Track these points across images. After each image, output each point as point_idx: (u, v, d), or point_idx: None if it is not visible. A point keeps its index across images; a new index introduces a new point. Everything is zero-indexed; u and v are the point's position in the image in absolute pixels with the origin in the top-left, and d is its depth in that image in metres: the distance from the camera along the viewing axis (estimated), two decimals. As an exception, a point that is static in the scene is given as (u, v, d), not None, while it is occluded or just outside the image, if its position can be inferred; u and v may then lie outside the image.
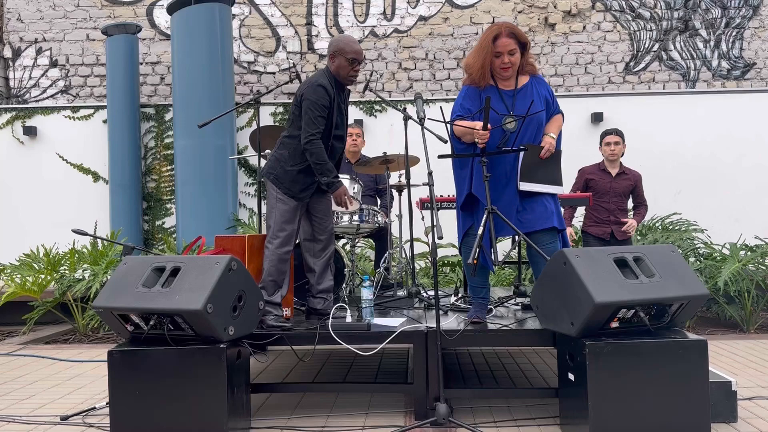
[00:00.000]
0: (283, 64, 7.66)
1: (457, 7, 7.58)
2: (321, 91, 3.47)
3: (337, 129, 3.59)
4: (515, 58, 3.29)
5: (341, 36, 3.66)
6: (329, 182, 3.50)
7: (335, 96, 3.54)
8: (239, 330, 2.94)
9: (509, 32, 3.26)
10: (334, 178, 3.51)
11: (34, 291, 5.63)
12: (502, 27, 3.28)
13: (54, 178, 7.26)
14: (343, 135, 3.68)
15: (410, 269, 4.42)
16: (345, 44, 3.53)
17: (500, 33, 3.25)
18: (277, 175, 3.57)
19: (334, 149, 3.63)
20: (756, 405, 3.33)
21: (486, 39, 3.28)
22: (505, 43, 3.24)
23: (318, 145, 3.46)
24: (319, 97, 3.46)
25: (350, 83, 3.63)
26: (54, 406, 3.61)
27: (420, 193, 4.53)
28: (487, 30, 3.33)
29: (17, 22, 7.78)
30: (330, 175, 3.49)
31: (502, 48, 3.25)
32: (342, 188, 3.55)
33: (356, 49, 3.54)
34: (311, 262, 3.70)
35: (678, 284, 2.79)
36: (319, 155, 3.47)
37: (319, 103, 3.46)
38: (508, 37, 3.25)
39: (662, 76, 7.49)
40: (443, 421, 2.92)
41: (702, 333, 5.22)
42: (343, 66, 3.53)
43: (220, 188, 6.78)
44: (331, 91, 3.50)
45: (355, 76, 3.60)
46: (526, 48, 3.34)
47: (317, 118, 3.46)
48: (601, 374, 2.66)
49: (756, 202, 6.76)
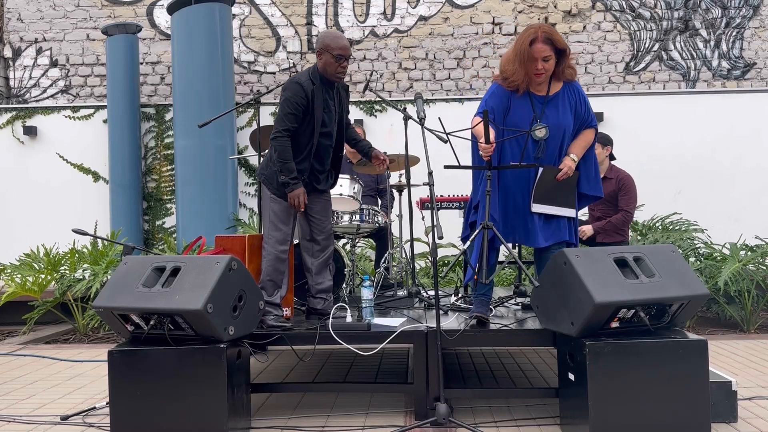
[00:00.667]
0: (283, 64, 7.66)
1: (457, 7, 7.58)
2: (295, 88, 3.43)
3: (324, 127, 3.54)
4: (549, 65, 3.16)
5: (327, 32, 3.58)
6: (285, 182, 3.45)
7: (320, 93, 3.48)
8: (239, 330, 2.94)
9: (545, 37, 3.13)
10: (292, 179, 3.44)
11: (34, 291, 5.63)
12: (538, 31, 3.14)
13: (54, 178, 7.26)
14: (330, 132, 3.60)
15: (410, 269, 4.42)
16: (331, 40, 3.46)
17: (536, 38, 3.12)
18: (268, 175, 3.57)
19: (320, 147, 3.57)
20: (756, 405, 3.33)
21: (523, 43, 3.15)
22: (541, 49, 3.12)
23: (282, 143, 3.43)
24: (292, 95, 3.42)
25: (338, 80, 3.56)
26: (54, 405, 3.61)
27: (420, 193, 4.53)
28: (524, 33, 3.18)
29: (17, 21, 7.78)
30: (288, 176, 3.43)
31: (537, 54, 3.13)
32: (297, 191, 3.45)
33: (342, 45, 3.46)
34: (309, 262, 3.69)
35: (678, 284, 2.79)
36: (281, 153, 3.43)
37: (291, 100, 3.42)
38: (544, 42, 3.12)
39: (662, 76, 7.49)
40: (443, 421, 2.92)
41: (702, 333, 5.22)
42: (329, 63, 3.47)
43: (221, 188, 6.78)
44: (309, 89, 3.44)
45: (342, 73, 3.52)
46: (563, 54, 3.19)
47: (287, 115, 3.43)
48: (602, 374, 2.66)
49: (756, 202, 6.76)
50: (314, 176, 3.60)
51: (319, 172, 3.62)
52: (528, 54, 3.13)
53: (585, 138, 3.36)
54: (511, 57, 3.22)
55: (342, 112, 3.68)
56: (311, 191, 3.61)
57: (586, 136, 3.37)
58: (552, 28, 3.26)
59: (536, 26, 3.18)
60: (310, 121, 3.48)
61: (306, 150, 3.52)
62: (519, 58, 3.17)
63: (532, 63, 3.14)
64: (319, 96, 3.48)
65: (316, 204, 3.66)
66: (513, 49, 3.23)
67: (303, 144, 3.51)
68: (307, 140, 3.51)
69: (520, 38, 3.19)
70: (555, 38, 3.15)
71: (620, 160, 6.75)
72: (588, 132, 3.37)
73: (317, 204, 3.67)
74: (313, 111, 3.47)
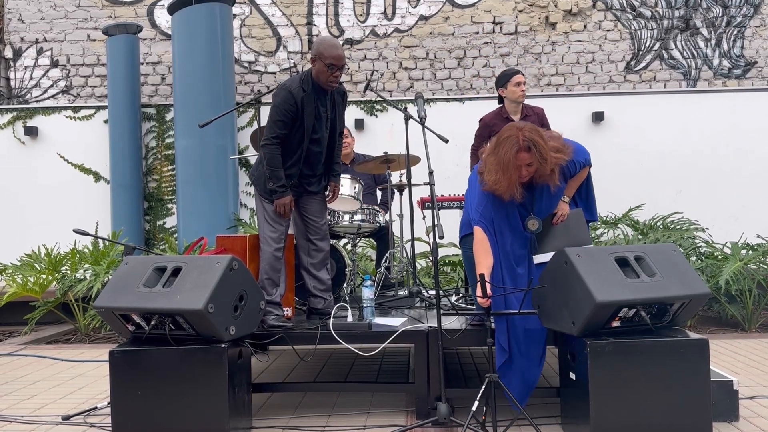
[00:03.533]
0: (283, 63, 7.66)
1: (457, 7, 7.57)
2: (284, 95, 3.41)
3: (314, 133, 3.52)
4: (533, 169, 3.03)
5: (323, 39, 3.53)
6: (272, 189, 3.45)
7: (311, 100, 3.46)
8: (240, 330, 2.94)
9: (527, 146, 2.96)
10: (280, 187, 3.44)
11: (35, 291, 5.63)
12: (520, 140, 2.97)
13: (55, 178, 7.26)
14: (320, 139, 3.57)
15: (411, 269, 4.42)
16: (324, 49, 3.41)
17: (519, 148, 2.96)
18: (257, 177, 3.58)
19: (310, 153, 3.55)
20: (757, 404, 3.33)
21: (506, 154, 2.98)
22: (523, 158, 2.98)
23: (271, 150, 3.43)
24: (281, 101, 3.41)
25: (330, 88, 3.51)
26: (55, 406, 3.61)
27: (421, 193, 4.52)
28: (505, 141, 3.00)
29: (18, 22, 7.78)
30: (276, 183, 3.43)
31: (520, 162, 2.99)
32: (283, 200, 3.45)
33: (335, 54, 3.40)
34: (306, 262, 3.69)
35: (679, 283, 2.79)
36: (270, 160, 3.43)
37: (280, 107, 3.41)
38: (527, 151, 2.97)
39: (663, 75, 7.48)
40: (444, 420, 2.92)
41: (703, 332, 5.21)
42: (322, 71, 3.43)
43: (221, 188, 6.78)
44: (298, 96, 3.41)
45: (335, 82, 3.48)
46: (546, 161, 3.00)
47: (276, 122, 3.42)
48: (603, 373, 2.66)
49: (757, 201, 6.75)
50: (305, 180, 3.61)
51: (309, 176, 3.62)
52: (514, 165, 2.99)
53: (579, 177, 3.29)
54: (495, 170, 3.03)
55: (335, 118, 3.64)
56: (303, 193, 3.61)
57: (581, 174, 3.29)
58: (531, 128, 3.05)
59: (515, 134, 3.00)
60: (300, 128, 3.47)
61: (296, 156, 3.52)
62: (506, 173, 3.00)
63: (516, 171, 3.00)
64: (309, 103, 3.45)
65: (310, 204, 3.66)
66: (495, 162, 3.03)
67: (293, 150, 3.51)
68: (296, 146, 3.50)
69: (503, 150, 3.00)
70: (537, 143, 2.98)
71: (621, 160, 6.79)
72: (582, 171, 3.28)
73: (312, 204, 3.67)
74: (303, 118, 3.45)
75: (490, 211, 3.13)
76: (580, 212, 3.33)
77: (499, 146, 3.03)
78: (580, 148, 3.26)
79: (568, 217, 3.26)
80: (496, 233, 3.13)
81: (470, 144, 4.59)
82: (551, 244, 3.17)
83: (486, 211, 3.13)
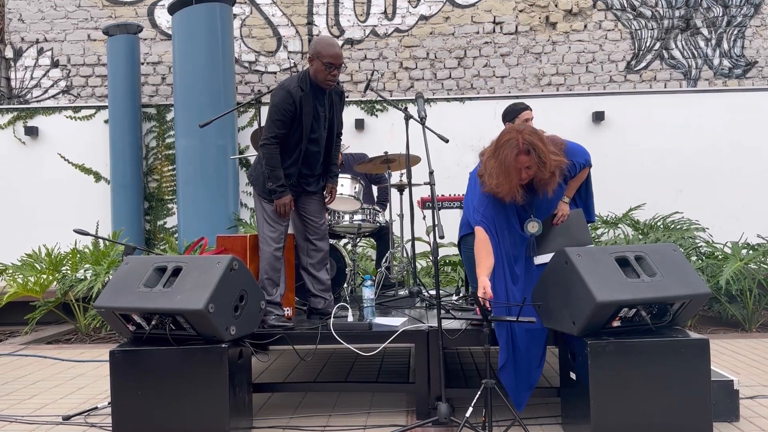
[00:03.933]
0: (284, 63, 7.66)
1: (458, 6, 7.57)
2: (282, 95, 3.41)
3: (312, 133, 3.52)
4: (532, 171, 3.02)
5: (321, 38, 3.53)
6: (272, 189, 3.45)
7: (309, 99, 3.46)
8: (241, 330, 2.94)
9: (527, 149, 2.97)
10: (279, 187, 3.44)
11: (35, 291, 5.63)
12: (520, 143, 2.96)
13: (55, 178, 7.26)
14: (319, 138, 3.57)
15: (411, 269, 4.42)
16: (322, 47, 3.41)
17: (519, 151, 2.97)
18: (256, 177, 3.58)
19: (308, 153, 3.55)
20: (758, 404, 3.33)
21: (506, 157, 2.98)
22: (523, 161, 2.99)
23: (270, 150, 3.43)
24: (280, 101, 3.41)
25: (328, 87, 3.51)
26: (56, 406, 3.61)
27: (421, 193, 4.53)
28: (505, 144, 3.00)
29: (18, 22, 7.78)
30: (275, 183, 3.44)
31: (519, 164, 3.00)
32: (283, 200, 3.45)
33: (333, 53, 3.40)
34: (305, 262, 3.70)
35: (680, 283, 2.79)
36: (269, 160, 3.44)
37: (279, 107, 3.41)
38: (526, 154, 2.97)
39: (664, 75, 7.48)
40: (445, 420, 2.92)
41: (704, 332, 5.21)
42: (320, 70, 3.42)
43: (222, 188, 6.79)
44: (297, 95, 3.41)
45: (333, 81, 3.47)
46: (545, 164, 2.99)
47: (275, 122, 3.42)
48: (603, 373, 2.66)
49: (757, 201, 6.74)
50: (304, 180, 3.61)
51: (308, 176, 3.62)
52: (515, 167, 2.99)
53: (579, 178, 3.30)
54: (496, 173, 3.03)
55: (333, 118, 3.64)
56: (302, 193, 3.61)
57: (581, 175, 3.29)
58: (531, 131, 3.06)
59: (515, 136, 3.00)
60: (298, 128, 3.47)
61: (294, 155, 3.52)
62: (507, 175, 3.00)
63: (517, 173, 3.01)
64: (307, 102, 3.45)
65: (309, 204, 3.66)
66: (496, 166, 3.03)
67: (291, 149, 3.51)
68: (295, 146, 3.50)
69: (503, 152, 3.00)
70: (536, 147, 2.98)
71: (621, 159, 6.79)
72: (583, 171, 3.29)
73: (310, 204, 3.67)
74: (302, 117, 3.45)
75: (491, 212, 3.13)
76: (581, 212, 3.33)
77: (499, 149, 3.04)
78: (581, 149, 3.27)
79: (569, 218, 3.26)
80: (497, 234, 3.13)
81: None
82: (552, 244, 3.17)
83: (488, 212, 3.14)
